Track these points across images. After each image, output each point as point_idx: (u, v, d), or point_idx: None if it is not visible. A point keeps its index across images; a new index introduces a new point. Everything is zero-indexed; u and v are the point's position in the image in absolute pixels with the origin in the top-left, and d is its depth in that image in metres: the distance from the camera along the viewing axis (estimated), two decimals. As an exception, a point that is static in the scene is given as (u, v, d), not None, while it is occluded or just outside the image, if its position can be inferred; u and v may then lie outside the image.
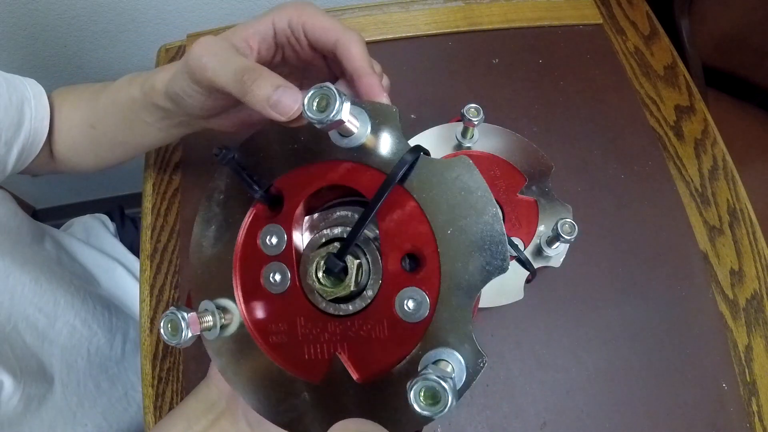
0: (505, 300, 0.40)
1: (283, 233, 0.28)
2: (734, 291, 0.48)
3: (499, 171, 0.45)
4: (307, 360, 0.27)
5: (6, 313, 0.43)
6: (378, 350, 0.26)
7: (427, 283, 0.25)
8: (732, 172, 0.54)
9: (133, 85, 0.39)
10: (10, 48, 0.81)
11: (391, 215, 0.26)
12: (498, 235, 0.24)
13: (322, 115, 0.22)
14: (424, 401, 0.21)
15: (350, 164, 0.27)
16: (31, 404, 0.45)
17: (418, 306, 0.25)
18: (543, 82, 0.58)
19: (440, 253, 0.25)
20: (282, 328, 0.28)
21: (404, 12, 0.64)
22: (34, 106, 0.44)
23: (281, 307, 0.28)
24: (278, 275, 0.28)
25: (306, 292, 0.28)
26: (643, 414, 0.44)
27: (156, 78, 0.35)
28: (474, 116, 0.42)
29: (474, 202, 0.25)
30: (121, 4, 0.78)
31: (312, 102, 0.23)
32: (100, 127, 0.44)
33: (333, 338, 0.27)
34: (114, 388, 0.54)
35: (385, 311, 0.26)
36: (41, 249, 0.52)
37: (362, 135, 0.26)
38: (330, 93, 0.22)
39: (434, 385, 0.21)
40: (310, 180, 0.28)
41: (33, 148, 0.45)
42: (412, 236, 0.25)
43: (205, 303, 0.29)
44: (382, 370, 0.25)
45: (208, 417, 0.33)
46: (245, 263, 0.29)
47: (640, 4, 0.66)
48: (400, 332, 0.25)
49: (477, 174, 0.25)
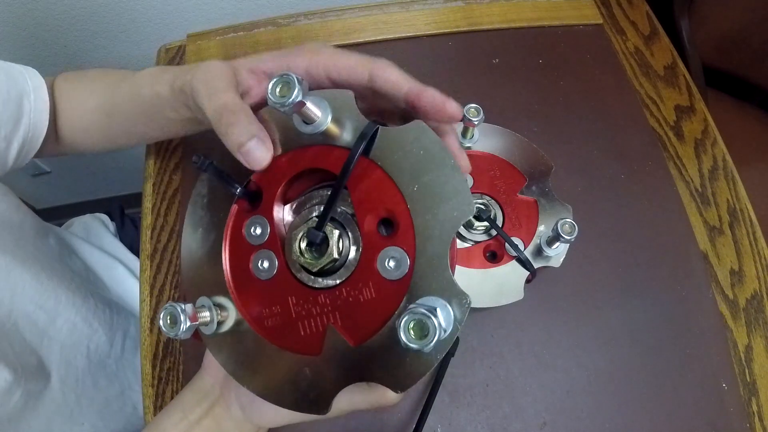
0: (505, 300, 0.41)
1: (266, 222, 0.29)
2: (734, 291, 0.48)
3: (499, 171, 0.45)
4: (303, 336, 0.28)
5: (6, 310, 0.43)
6: (367, 313, 0.27)
7: (404, 241, 0.27)
8: (732, 172, 0.54)
9: (160, 83, 0.38)
10: (10, 48, 0.81)
11: (361, 185, 0.28)
12: (459, 183, 0.26)
13: (284, 99, 0.25)
14: (413, 335, 0.23)
15: (318, 147, 0.29)
16: (30, 401, 0.45)
17: (398, 263, 0.26)
18: (543, 82, 0.58)
19: (410, 209, 0.27)
20: (276, 310, 0.29)
21: (404, 12, 0.64)
22: (34, 99, 0.44)
23: (272, 290, 0.29)
24: (266, 262, 0.29)
25: (294, 271, 0.29)
26: (643, 414, 0.44)
27: (186, 80, 0.35)
28: (474, 116, 0.42)
29: (432, 158, 0.27)
30: (121, 4, 0.78)
31: (275, 89, 0.26)
32: (117, 116, 0.44)
33: (324, 310, 0.28)
34: (111, 385, 0.54)
35: (369, 274, 0.27)
36: (44, 244, 0.52)
37: (324, 121, 0.28)
38: (290, 80, 0.25)
39: (421, 317, 0.22)
40: (283, 169, 0.30)
41: (33, 142, 0.45)
42: (383, 200, 0.27)
43: (202, 299, 0.30)
44: (374, 330, 0.26)
45: (202, 406, 0.34)
46: (234, 257, 0.30)
47: (640, 4, 0.66)
48: (385, 291, 0.26)
49: (432, 133, 0.27)
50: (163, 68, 0.41)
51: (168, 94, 0.37)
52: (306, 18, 0.64)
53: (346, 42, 0.62)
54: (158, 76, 0.39)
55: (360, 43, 0.61)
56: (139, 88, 0.41)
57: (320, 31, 0.63)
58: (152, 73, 0.41)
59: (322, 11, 0.64)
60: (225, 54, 0.62)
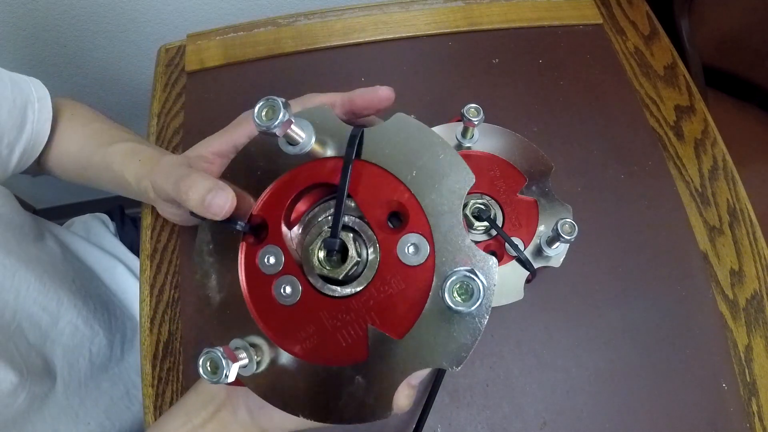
0: (505, 300, 0.40)
1: (278, 249, 0.29)
2: (734, 291, 0.48)
3: (499, 171, 0.44)
4: (346, 347, 0.28)
5: (11, 311, 0.44)
6: (403, 303, 0.27)
7: (417, 225, 0.27)
8: (732, 172, 0.54)
9: (128, 171, 0.42)
10: (10, 48, 0.81)
11: (362, 186, 0.29)
12: (452, 157, 0.28)
13: (271, 122, 0.26)
14: (459, 298, 0.23)
15: (309, 164, 0.30)
16: (35, 403, 0.45)
17: (417, 248, 0.27)
18: (543, 82, 0.58)
19: (415, 194, 0.27)
20: (311, 330, 0.28)
21: (404, 12, 0.64)
22: (38, 109, 0.45)
23: (302, 312, 0.29)
24: (288, 287, 0.29)
25: (318, 288, 0.29)
26: (643, 414, 0.44)
27: (149, 183, 0.39)
28: (474, 116, 0.42)
29: (420, 142, 0.28)
30: (121, 4, 0.78)
31: (261, 113, 0.27)
32: (91, 172, 0.46)
33: (360, 314, 0.28)
34: (115, 387, 0.55)
35: (393, 267, 0.27)
36: (44, 246, 0.52)
37: (309, 141, 0.29)
38: (275, 103, 0.26)
39: (465, 279, 0.23)
40: (282, 193, 0.30)
41: (34, 150, 0.46)
42: (387, 193, 0.28)
43: (235, 341, 0.29)
44: (413, 318, 0.26)
45: (207, 409, 0.34)
46: (255, 292, 0.30)
47: (640, 4, 0.66)
48: (413, 278, 0.27)
49: (412, 120, 0.29)
50: (132, 150, 0.43)
51: (134, 186, 0.41)
52: (306, 18, 0.64)
53: (346, 42, 0.62)
54: (127, 163, 0.42)
55: (360, 43, 0.62)
56: (110, 163, 0.43)
57: (320, 31, 0.63)
58: (123, 153, 0.43)
59: (322, 11, 0.64)
60: (225, 54, 0.62)
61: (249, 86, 0.59)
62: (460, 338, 0.26)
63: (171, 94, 0.60)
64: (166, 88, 0.61)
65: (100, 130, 0.48)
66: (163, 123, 0.58)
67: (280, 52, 0.61)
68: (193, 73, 0.61)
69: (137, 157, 0.42)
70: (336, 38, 0.62)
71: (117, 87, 0.95)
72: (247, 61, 0.61)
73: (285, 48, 0.62)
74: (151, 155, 0.42)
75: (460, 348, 0.26)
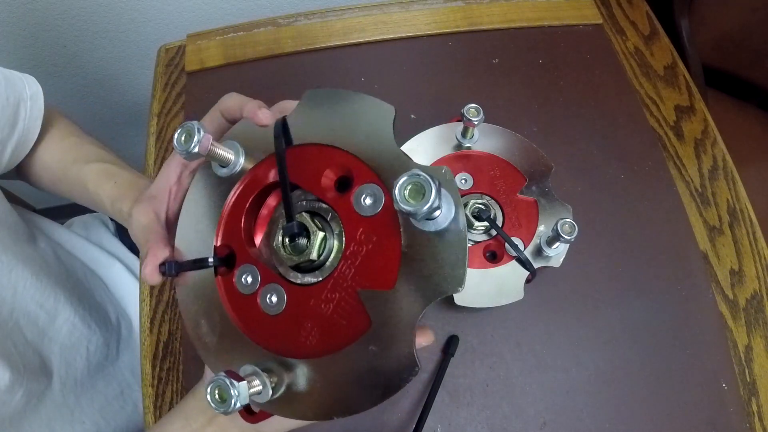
0: (505, 300, 0.40)
1: (251, 267, 0.30)
2: (734, 291, 0.48)
3: (499, 171, 0.44)
4: (347, 324, 0.27)
5: (8, 309, 0.44)
6: (380, 255, 0.26)
7: (363, 177, 0.27)
8: (732, 172, 0.54)
9: (104, 189, 0.43)
10: (10, 48, 0.81)
11: (301, 168, 0.29)
12: (365, 100, 0.28)
13: (187, 146, 0.27)
14: (412, 199, 0.22)
15: (250, 177, 0.30)
16: (31, 401, 0.45)
17: (373, 196, 0.26)
18: (543, 82, 0.58)
19: (349, 150, 0.28)
20: (309, 325, 0.28)
21: (404, 12, 0.64)
22: (30, 106, 0.45)
23: (294, 313, 0.28)
24: (273, 296, 0.29)
25: (301, 282, 0.29)
26: (643, 414, 0.44)
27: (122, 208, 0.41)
28: (474, 116, 0.42)
29: (336, 104, 0.29)
30: (121, 4, 0.78)
31: (180, 139, 0.27)
32: (64, 188, 0.47)
33: (346, 286, 0.27)
34: (110, 386, 0.55)
35: (357, 224, 0.27)
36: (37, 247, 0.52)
37: (238, 159, 0.30)
38: (191, 127, 0.27)
39: (412, 179, 0.22)
40: (235, 215, 0.31)
41: (24, 147, 0.46)
42: (324, 163, 0.28)
43: (245, 368, 0.28)
44: (395, 262, 0.26)
45: (206, 414, 0.34)
46: (245, 316, 0.30)
47: (640, 4, 0.66)
48: (380, 225, 0.26)
49: (322, 90, 0.29)
50: (108, 172, 0.44)
51: (109, 207, 0.42)
52: (306, 18, 0.64)
53: (346, 42, 0.62)
54: (101, 184, 0.43)
55: (360, 43, 0.62)
56: (85, 181, 0.44)
57: (320, 31, 0.63)
58: (99, 173, 0.44)
59: (322, 11, 0.64)
60: (225, 54, 0.62)
61: (249, 86, 0.59)
62: (449, 257, 0.24)
63: (171, 94, 0.60)
64: (166, 88, 0.61)
65: (77, 145, 0.48)
66: (163, 123, 0.58)
67: (280, 52, 0.61)
68: (193, 73, 0.61)
69: (113, 179, 0.43)
70: (336, 38, 0.62)
71: (117, 87, 0.95)
72: (247, 61, 0.61)
73: (285, 48, 0.62)
74: (128, 180, 0.43)
75: (454, 266, 0.24)
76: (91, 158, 0.46)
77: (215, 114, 0.34)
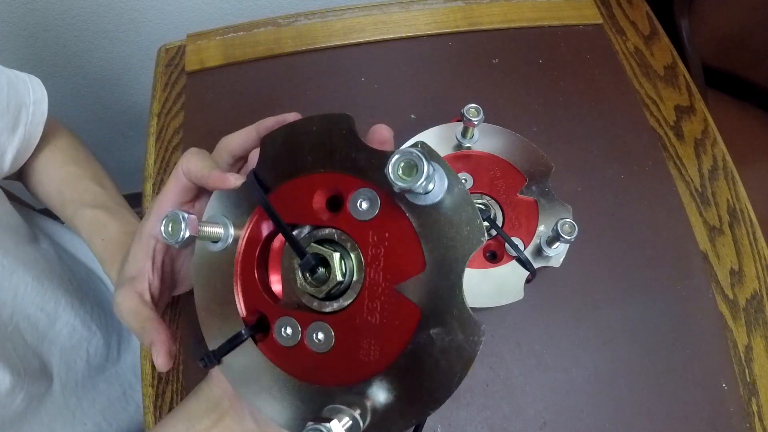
0: (505, 300, 0.40)
1: (285, 318, 0.29)
2: (734, 291, 0.48)
3: (499, 171, 0.44)
4: (399, 323, 0.27)
5: (9, 312, 0.44)
6: (399, 246, 0.27)
7: (350, 187, 0.28)
8: (732, 172, 0.54)
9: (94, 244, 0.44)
10: (10, 48, 0.81)
11: (287, 206, 0.29)
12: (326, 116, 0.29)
13: (176, 234, 0.27)
14: (405, 176, 0.23)
15: (244, 241, 0.30)
16: (32, 403, 0.45)
17: (367, 198, 0.27)
18: (543, 82, 0.58)
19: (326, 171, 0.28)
20: (366, 343, 0.27)
21: (404, 12, 0.64)
22: (33, 111, 0.45)
23: (348, 337, 0.28)
24: (320, 334, 0.28)
25: (338, 308, 0.28)
26: (643, 414, 0.44)
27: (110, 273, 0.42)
28: (474, 116, 0.42)
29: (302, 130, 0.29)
30: (121, 4, 0.78)
31: (167, 229, 0.28)
32: (61, 215, 0.48)
33: (383, 290, 0.27)
34: (112, 387, 0.55)
35: (367, 231, 0.27)
36: (39, 248, 0.52)
37: (228, 232, 0.30)
38: (175, 216, 0.28)
39: (404, 156, 0.23)
40: (248, 280, 0.30)
41: (26, 151, 0.46)
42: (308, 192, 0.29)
43: (327, 410, 0.27)
44: (416, 245, 0.26)
45: (211, 416, 0.33)
46: (302, 367, 0.29)
47: (640, 4, 0.66)
48: (387, 219, 0.27)
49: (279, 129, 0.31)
50: (97, 223, 0.45)
51: (100, 264, 0.44)
52: (306, 18, 0.64)
53: (346, 42, 0.62)
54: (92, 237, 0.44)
55: (360, 43, 0.62)
56: (78, 228, 0.45)
57: (320, 31, 0.63)
58: (90, 223, 0.45)
59: (322, 11, 0.64)
60: (225, 54, 0.62)
61: (249, 86, 0.59)
62: (462, 216, 0.25)
63: (171, 94, 0.60)
64: (166, 88, 0.61)
65: (75, 178, 0.48)
66: (163, 123, 0.58)
67: (280, 52, 0.61)
68: (193, 73, 0.61)
69: (100, 235, 0.44)
70: (336, 38, 0.62)
71: (117, 87, 0.95)
72: (247, 61, 0.61)
73: (285, 48, 0.62)
74: (115, 237, 0.43)
75: (470, 222, 0.25)
76: (86, 201, 0.46)
77: (178, 173, 0.34)
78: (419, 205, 0.26)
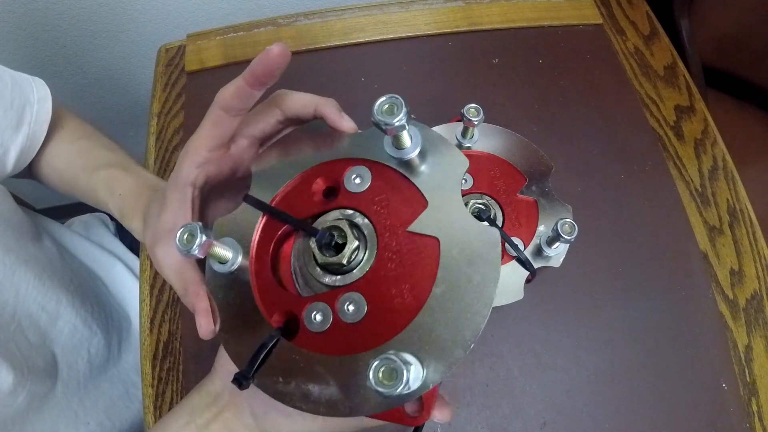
0: (505, 300, 0.40)
1: (313, 305, 0.29)
2: (734, 291, 0.48)
3: (499, 171, 0.44)
4: (424, 256, 0.27)
5: (11, 311, 0.44)
6: (399, 195, 0.29)
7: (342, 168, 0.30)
8: (732, 172, 0.54)
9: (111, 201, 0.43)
10: (10, 48, 0.81)
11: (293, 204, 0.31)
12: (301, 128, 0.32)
13: (189, 246, 0.28)
14: (385, 113, 0.25)
15: (255, 245, 0.31)
16: (34, 402, 0.45)
17: (359, 174, 0.29)
18: (543, 82, 0.58)
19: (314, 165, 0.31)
20: (396, 289, 0.27)
21: (404, 12, 0.64)
22: (36, 110, 0.45)
23: (378, 293, 0.28)
24: (350, 306, 0.28)
25: (359, 275, 0.29)
26: (643, 414, 0.44)
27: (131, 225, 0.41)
28: (474, 116, 0.42)
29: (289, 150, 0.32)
30: (121, 4, 0.78)
31: (182, 237, 0.28)
32: (78, 194, 0.47)
33: (397, 239, 0.28)
34: (114, 387, 0.54)
35: (368, 197, 0.29)
36: (42, 246, 0.52)
37: (236, 257, 0.30)
38: (194, 228, 0.28)
39: (390, 100, 0.25)
40: (267, 285, 0.30)
41: (31, 150, 0.46)
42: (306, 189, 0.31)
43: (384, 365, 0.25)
44: (414, 188, 0.28)
45: (211, 410, 0.33)
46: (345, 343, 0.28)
47: (640, 4, 0.66)
48: (382, 182, 0.29)
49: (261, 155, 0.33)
50: (113, 180, 0.44)
51: (120, 221, 0.42)
52: (306, 18, 0.64)
53: (346, 42, 0.62)
54: (108, 195, 0.43)
55: (360, 43, 0.62)
56: (95, 191, 0.44)
57: (320, 31, 0.63)
58: (106, 182, 0.44)
59: (322, 11, 0.64)
60: (225, 54, 0.62)
61: (249, 86, 0.59)
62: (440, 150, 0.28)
63: (171, 94, 0.60)
64: (166, 88, 0.61)
65: (87, 149, 0.48)
66: (163, 123, 0.58)
67: (280, 52, 0.61)
68: (193, 73, 0.61)
69: (118, 189, 0.43)
70: (336, 38, 0.62)
71: (117, 87, 0.95)
72: (247, 61, 0.60)
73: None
74: (132, 189, 0.42)
75: (449, 153, 0.28)
76: (100, 162, 0.46)
77: (218, 113, 0.33)
78: (403, 159, 0.28)
